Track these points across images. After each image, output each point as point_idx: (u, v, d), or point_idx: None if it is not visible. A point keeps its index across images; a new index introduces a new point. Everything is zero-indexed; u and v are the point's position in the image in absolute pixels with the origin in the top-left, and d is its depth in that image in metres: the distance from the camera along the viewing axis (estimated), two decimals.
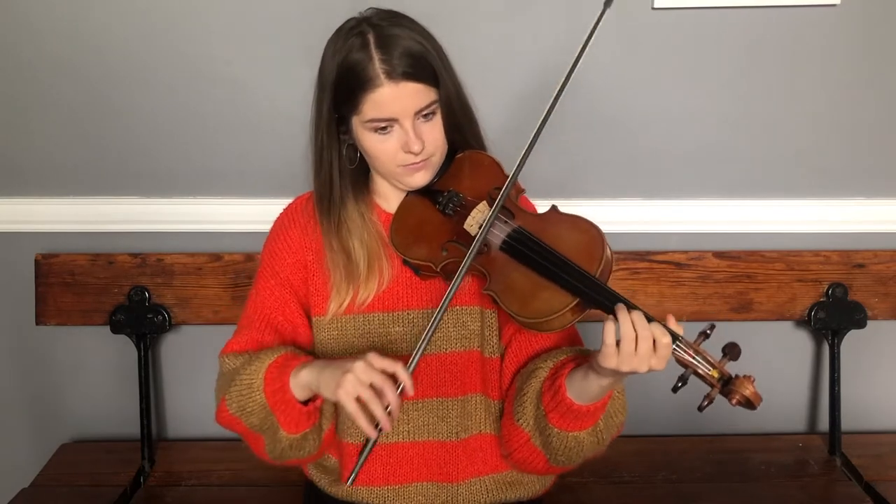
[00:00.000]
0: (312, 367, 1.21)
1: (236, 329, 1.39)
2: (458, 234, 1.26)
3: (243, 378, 1.27)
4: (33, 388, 2.05)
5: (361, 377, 1.12)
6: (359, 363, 1.13)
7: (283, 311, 1.35)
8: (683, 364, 1.12)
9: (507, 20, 1.79)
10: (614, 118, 1.86)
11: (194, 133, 1.87)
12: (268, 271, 1.37)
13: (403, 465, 1.35)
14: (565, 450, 1.24)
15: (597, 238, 1.20)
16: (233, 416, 1.30)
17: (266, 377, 1.25)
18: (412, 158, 1.23)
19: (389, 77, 1.17)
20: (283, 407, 1.24)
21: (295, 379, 1.22)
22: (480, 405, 1.36)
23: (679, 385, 1.11)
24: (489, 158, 1.33)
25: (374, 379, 1.12)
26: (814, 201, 1.91)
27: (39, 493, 1.80)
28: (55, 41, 1.81)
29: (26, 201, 1.92)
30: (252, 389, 1.25)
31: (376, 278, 1.31)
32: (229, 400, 1.29)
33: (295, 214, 1.38)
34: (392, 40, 1.18)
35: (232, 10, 1.79)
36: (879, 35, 1.80)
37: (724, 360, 1.12)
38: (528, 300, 1.18)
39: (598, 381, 1.16)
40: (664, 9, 1.77)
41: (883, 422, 2.05)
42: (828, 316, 1.89)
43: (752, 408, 1.11)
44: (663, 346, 1.09)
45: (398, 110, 1.19)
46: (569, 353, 1.30)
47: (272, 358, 1.26)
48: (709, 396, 1.11)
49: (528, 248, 1.21)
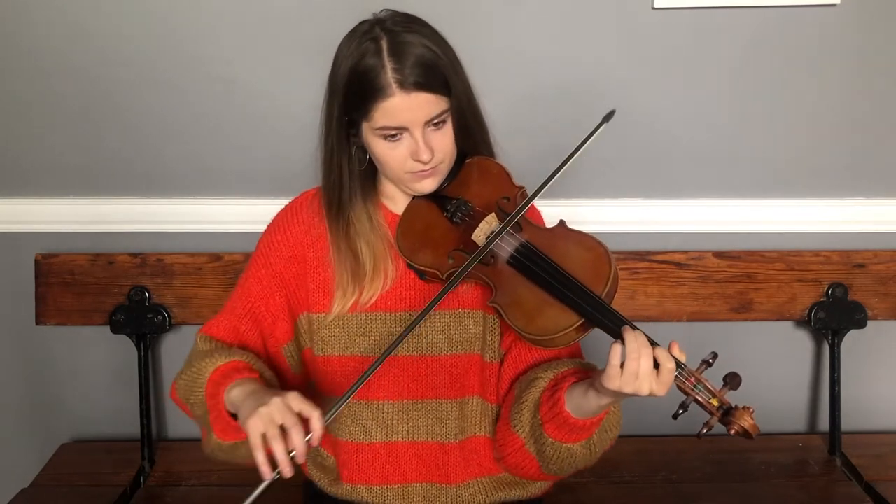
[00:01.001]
0: (243, 389, 1.19)
1: (221, 309, 1.40)
2: (466, 244, 1.26)
3: (193, 370, 1.29)
4: (33, 388, 2.05)
5: (274, 415, 1.08)
6: (276, 399, 1.10)
7: (266, 302, 1.36)
8: (684, 391, 1.13)
9: (508, 19, 1.79)
10: (614, 118, 1.86)
11: (195, 133, 1.87)
12: (261, 261, 1.37)
13: (402, 464, 1.36)
14: (558, 460, 1.25)
15: (603, 256, 1.20)
16: (180, 400, 1.34)
17: (209, 380, 1.25)
18: (421, 166, 1.23)
19: (401, 87, 1.16)
20: (216, 414, 1.24)
21: (227, 395, 1.21)
22: (477, 407, 1.37)
23: (680, 412, 1.13)
24: (498, 166, 1.33)
25: (286, 420, 1.08)
26: (814, 201, 1.91)
27: (39, 493, 1.80)
28: (56, 41, 1.81)
29: (26, 201, 1.92)
30: (196, 385, 1.27)
31: (381, 279, 1.31)
32: (179, 385, 1.34)
33: (300, 210, 1.38)
34: (405, 48, 1.17)
35: (232, 11, 1.79)
36: (879, 35, 1.80)
37: (724, 390, 1.14)
38: (533, 316, 1.19)
39: (597, 401, 1.17)
40: (664, 9, 1.77)
41: (883, 422, 2.05)
42: (828, 316, 1.89)
43: (750, 438, 1.13)
44: (667, 372, 1.10)
45: (409, 120, 1.19)
46: (570, 366, 1.30)
47: (221, 362, 1.26)
48: (708, 424, 1.13)
49: (535, 264, 1.21)
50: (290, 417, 1.09)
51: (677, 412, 1.12)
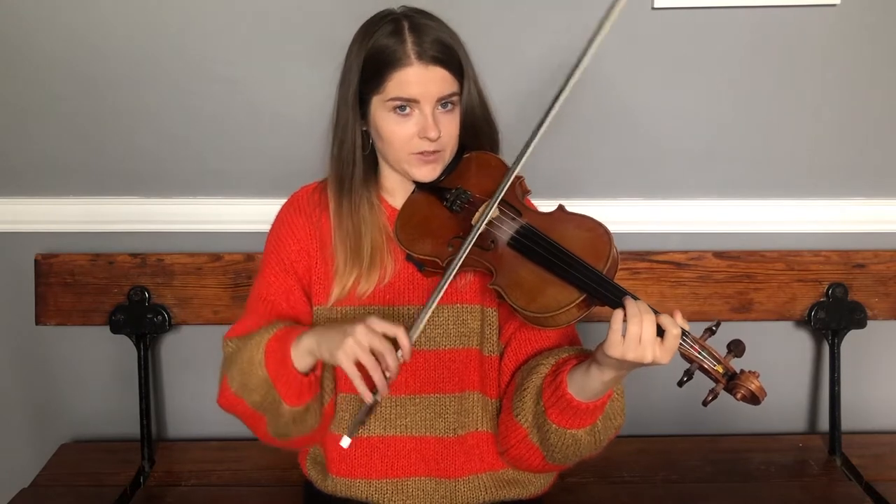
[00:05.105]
0: (313, 332, 1.22)
1: (242, 313, 1.40)
2: (465, 231, 1.27)
3: (244, 355, 1.28)
4: (33, 388, 2.05)
5: (362, 340, 1.12)
6: (360, 326, 1.13)
7: (287, 297, 1.36)
8: (689, 359, 1.12)
9: (508, 18, 1.79)
10: (614, 118, 1.86)
11: (194, 133, 1.87)
12: (273, 258, 1.38)
13: (401, 458, 1.36)
14: (562, 447, 1.24)
15: (603, 236, 1.21)
16: (235, 396, 1.31)
17: (267, 349, 1.25)
18: (426, 146, 1.24)
19: (420, 58, 1.20)
20: (285, 379, 1.24)
21: (296, 348, 1.22)
22: (478, 403, 1.37)
23: (685, 379, 1.11)
24: (497, 160, 1.34)
25: (374, 343, 1.12)
26: (814, 201, 1.91)
27: (39, 493, 1.80)
28: (56, 41, 1.81)
29: (26, 201, 1.92)
30: (253, 364, 1.26)
31: (378, 271, 1.32)
32: (230, 378, 1.30)
33: (301, 202, 1.39)
34: (425, 28, 1.23)
35: (232, 10, 1.79)
36: (879, 35, 1.80)
37: (729, 356, 1.13)
38: (534, 295, 1.18)
39: (599, 376, 1.16)
40: (664, 9, 1.77)
41: (883, 422, 2.05)
42: (828, 316, 1.89)
43: (757, 402, 1.11)
44: (672, 337, 1.09)
45: (422, 92, 1.21)
46: (571, 352, 1.30)
47: (272, 332, 1.27)
48: (713, 391, 1.12)
49: (535, 244, 1.21)
50: (377, 341, 1.12)
51: (682, 380, 1.11)
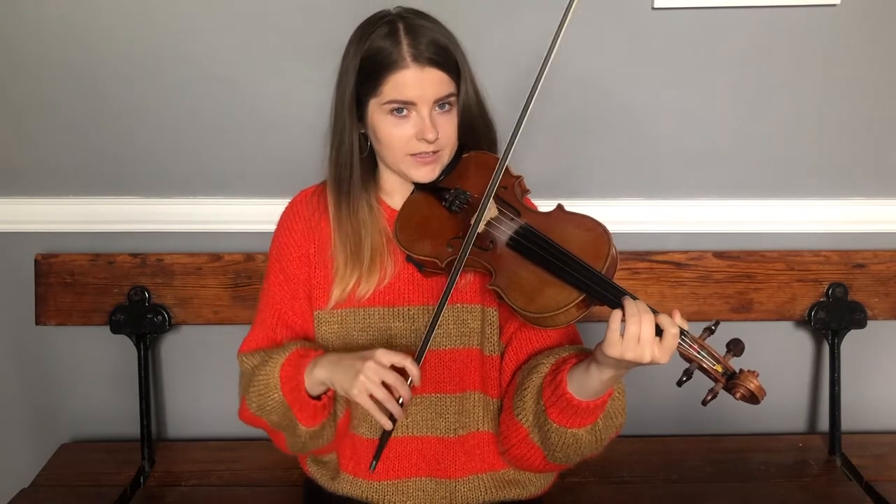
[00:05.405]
0: (325, 363, 1.24)
1: (252, 325, 1.42)
2: (464, 231, 1.26)
3: (260, 378, 1.30)
4: (33, 388, 2.05)
5: (373, 377, 1.16)
6: (369, 364, 1.17)
7: (292, 306, 1.37)
8: (688, 358, 1.12)
9: (508, 18, 1.79)
10: (614, 118, 1.86)
11: (195, 133, 1.87)
12: (276, 267, 1.38)
13: (402, 459, 1.36)
14: (563, 447, 1.24)
15: (602, 236, 1.21)
16: (254, 415, 1.34)
17: (282, 376, 1.28)
18: (424, 147, 1.25)
19: (415, 60, 1.20)
20: (300, 404, 1.27)
21: (309, 377, 1.25)
22: (479, 403, 1.37)
23: (684, 379, 1.11)
24: (495, 159, 1.33)
25: (386, 377, 1.16)
26: (814, 201, 1.91)
27: (39, 493, 1.80)
28: (56, 42, 1.81)
29: (26, 201, 1.92)
30: (269, 388, 1.29)
31: (378, 273, 1.32)
32: (249, 400, 1.33)
33: (299, 208, 1.40)
34: (421, 29, 1.22)
35: (232, 11, 1.79)
36: (879, 35, 1.80)
37: (728, 356, 1.13)
38: (534, 295, 1.18)
39: (599, 375, 1.16)
40: (664, 9, 1.77)
41: (883, 422, 2.05)
42: (828, 316, 1.89)
43: (756, 402, 1.10)
44: (670, 337, 1.09)
45: (418, 95, 1.22)
46: (571, 351, 1.30)
47: (284, 356, 1.29)
48: (713, 391, 1.11)
49: (534, 244, 1.21)
50: (388, 374, 1.17)
51: (681, 379, 1.11)
